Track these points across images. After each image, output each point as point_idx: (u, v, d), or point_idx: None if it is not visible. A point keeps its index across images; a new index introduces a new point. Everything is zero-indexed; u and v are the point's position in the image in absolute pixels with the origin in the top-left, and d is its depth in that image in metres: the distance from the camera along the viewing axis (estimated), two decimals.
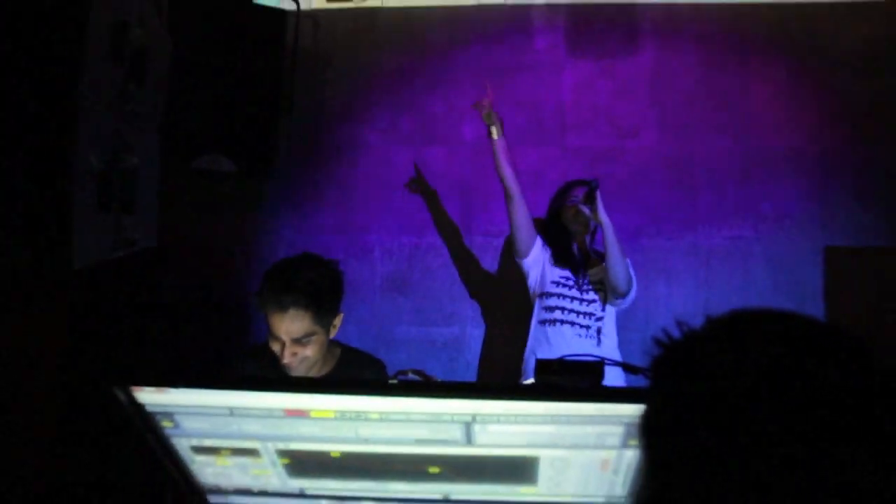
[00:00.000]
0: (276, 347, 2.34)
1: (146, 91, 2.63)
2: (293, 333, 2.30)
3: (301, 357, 2.35)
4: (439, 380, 2.72)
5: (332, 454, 1.84)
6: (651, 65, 4.09)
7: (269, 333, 2.33)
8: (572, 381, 1.64)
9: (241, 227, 4.12)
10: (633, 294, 3.34)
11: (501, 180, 3.32)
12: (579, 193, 3.38)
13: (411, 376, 2.62)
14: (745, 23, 4.06)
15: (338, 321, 2.44)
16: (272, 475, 1.91)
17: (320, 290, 2.33)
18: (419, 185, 4.06)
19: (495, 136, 3.31)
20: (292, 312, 2.27)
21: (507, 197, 3.35)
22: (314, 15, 4.24)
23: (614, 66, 4.10)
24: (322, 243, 4.05)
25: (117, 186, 2.39)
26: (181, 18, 3.68)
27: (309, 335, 2.32)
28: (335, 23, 4.27)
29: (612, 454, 1.70)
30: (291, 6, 4.07)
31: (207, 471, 1.90)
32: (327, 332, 2.39)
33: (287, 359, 2.33)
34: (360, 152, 4.16)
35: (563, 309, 3.32)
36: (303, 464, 1.88)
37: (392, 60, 4.21)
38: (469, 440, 1.75)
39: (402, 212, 4.07)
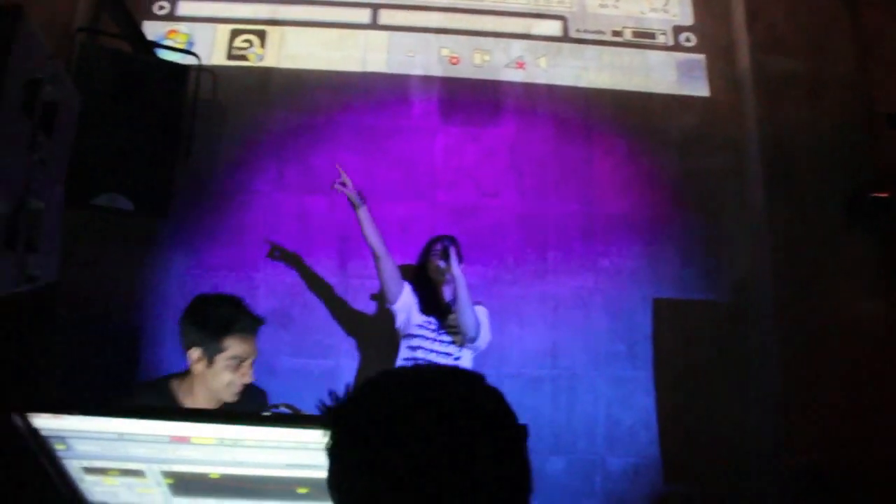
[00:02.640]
0: (231, 372, 2.60)
1: (54, 142, 2.81)
2: (253, 354, 2.64)
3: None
4: (306, 413, 2.96)
5: (212, 476, 1.99)
6: (511, 134, 4.63)
7: (228, 358, 2.59)
8: None
9: (136, 263, 4.38)
10: (481, 338, 3.70)
11: (369, 244, 3.67)
12: (440, 248, 3.76)
13: (283, 409, 2.86)
14: (592, 104, 4.68)
15: None
16: (157, 494, 2.04)
17: None
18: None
19: (358, 208, 3.66)
20: (251, 335, 2.62)
21: (374, 257, 3.69)
22: (214, 70, 4.59)
23: (480, 134, 4.63)
24: (211, 280, 4.37)
25: (23, 228, 2.52)
26: (91, 69, 3.99)
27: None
28: (233, 79, 4.64)
29: None
30: (193, 61, 4.40)
31: (96, 489, 2.03)
32: None
33: (250, 378, 2.64)
34: (249, 198, 4.50)
35: (424, 349, 3.68)
36: (185, 484, 2.01)
37: (282, 116, 4.60)
38: None
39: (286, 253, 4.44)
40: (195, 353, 2.59)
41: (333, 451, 1.03)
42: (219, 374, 2.60)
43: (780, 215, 4.43)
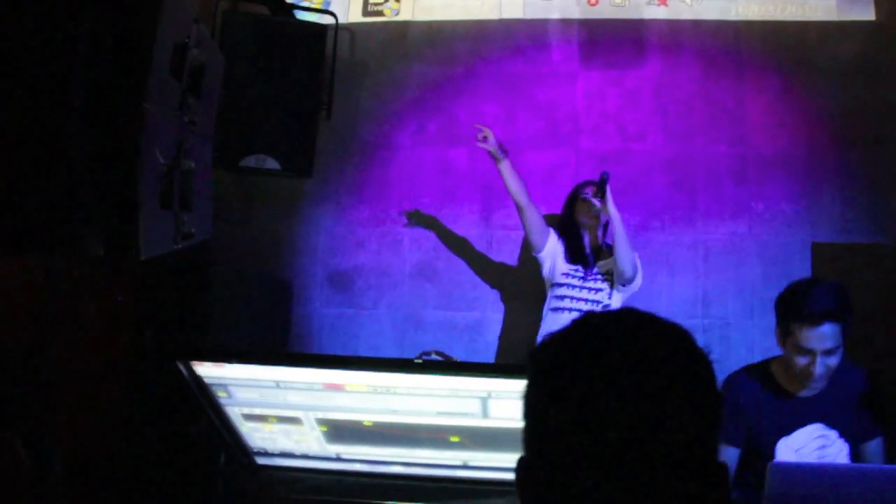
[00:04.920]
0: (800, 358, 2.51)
1: (202, 103, 2.90)
2: (824, 346, 2.46)
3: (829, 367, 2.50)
4: (458, 360, 3.02)
5: (365, 423, 2.07)
6: (655, 75, 4.44)
7: (794, 347, 2.50)
8: None
9: (284, 221, 4.53)
10: (637, 280, 3.67)
11: (511, 196, 3.70)
12: (590, 190, 3.71)
13: (434, 356, 2.89)
14: (742, 38, 4.40)
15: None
16: (312, 440, 2.14)
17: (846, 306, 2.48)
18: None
19: (500, 161, 3.67)
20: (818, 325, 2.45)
21: (518, 208, 3.73)
22: (351, 28, 4.63)
23: (622, 76, 4.46)
24: (358, 234, 4.47)
25: (177, 187, 2.62)
26: (233, 35, 4.11)
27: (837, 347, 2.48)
28: (370, 35, 4.66)
29: None
30: (331, 20, 4.44)
31: (256, 436, 2.16)
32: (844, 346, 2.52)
33: (819, 369, 2.48)
34: (391, 153, 4.54)
35: (571, 298, 3.67)
36: (339, 431, 2.11)
37: (421, 69, 4.59)
38: (485, 413, 1.97)
39: (430, 206, 4.45)
40: (778, 331, 2.61)
41: (531, 380, 1.01)
42: (791, 359, 2.54)
43: None
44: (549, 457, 0.95)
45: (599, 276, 3.71)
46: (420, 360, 2.52)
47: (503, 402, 1.93)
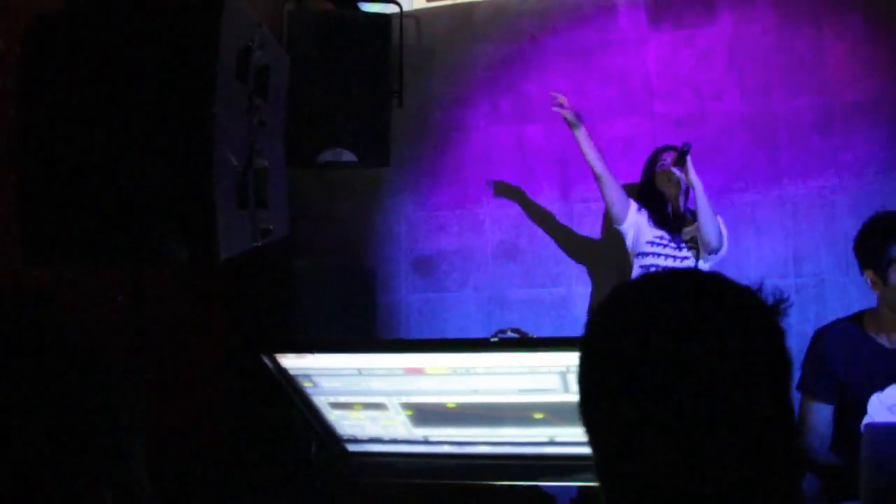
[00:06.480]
0: None
1: (270, 104, 3.00)
2: None
3: None
4: (534, 336, 3.04)
5: (449, 405, 2.13)
6: (728, 31, 4.29)
7: None
8: None
9: (366, 211, 4.61)
10: (724, 249, 3.61)
11: (590, 165, 3.68)
12: (668, 158, 3.67)
13: (510, 334, 2.90)
14: None
15: None
16: (399, 425, 2.20)
17: None
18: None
19: (576, 129, 3.65)
20: None
21: (596, 178, 3.70)
22: (416, 15, 4.65)
23: (693, 36, 4.33)
24: (439, 218, 4.51)
25: (252, 186, 2.73)
26: (301, 33, 4.20)
27: None
28: (435, 20, 4.68)
29: None
30: (395, 9, 4.48)
31: (344, 423, 2.24)
32: None
33: None
34: (466, 135, 4.55)
35: (658, 266, 3.61)
36: (424, 414, 2.16)
37: (488, 49, 4.58)
38: (566, 388, 1.99)
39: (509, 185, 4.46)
40: (869, 275, 2.52)
41: (582, 349, 0.98)
42: None
43: None
44: (601, 428, 0.95)
45: (685, 244, 3.65)
46: (496, 339, 2.55)
47: None
